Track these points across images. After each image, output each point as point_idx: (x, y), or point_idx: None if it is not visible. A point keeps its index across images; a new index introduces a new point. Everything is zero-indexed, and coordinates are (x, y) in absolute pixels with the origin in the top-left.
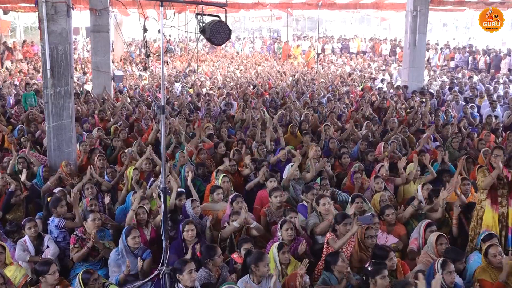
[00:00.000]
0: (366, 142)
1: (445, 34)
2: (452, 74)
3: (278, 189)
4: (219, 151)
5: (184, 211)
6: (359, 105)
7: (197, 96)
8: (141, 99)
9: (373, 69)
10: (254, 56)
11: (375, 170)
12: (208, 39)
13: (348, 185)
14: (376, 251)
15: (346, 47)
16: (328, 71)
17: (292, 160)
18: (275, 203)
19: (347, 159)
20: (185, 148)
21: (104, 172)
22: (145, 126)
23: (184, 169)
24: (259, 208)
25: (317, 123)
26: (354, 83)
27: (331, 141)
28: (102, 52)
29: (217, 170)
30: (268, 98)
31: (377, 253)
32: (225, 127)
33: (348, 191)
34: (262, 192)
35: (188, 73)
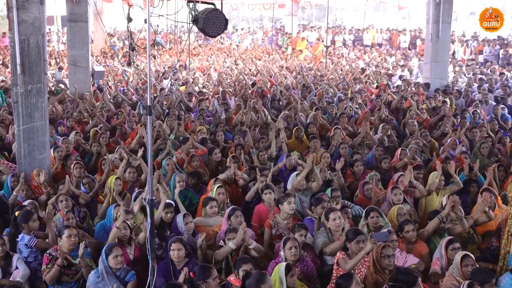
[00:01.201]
0: (381, 148)
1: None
2: (480, 70)
3: (290, 195)
4: (214, 158)
5: (175, 227)
6: (374, 106)
7: (188, 95)
8: (124, 98)
9: (390, 64)
10: (254, 49)
11: (392, 179)
12: (202, 29)
13: (360, 198)
14: (399, 275)
15: (359, 39)
16: (338, 66)
17: (298, 168)
18: (287, 211)
19: (360, 167)
20: (175, 155)
21: (81, 182)
22: (129, 129)
23: (174, 178)
24: (257, 225)
25: (326, 126)
26: (368, 80)
27: (342, 146)
28: (80, 45)
29: (216, 179)
30: (269, 98)
31: (401, 278)
32: (221, 131)
33: (361, 204)
34: (260, 206)
35: (178, 69)
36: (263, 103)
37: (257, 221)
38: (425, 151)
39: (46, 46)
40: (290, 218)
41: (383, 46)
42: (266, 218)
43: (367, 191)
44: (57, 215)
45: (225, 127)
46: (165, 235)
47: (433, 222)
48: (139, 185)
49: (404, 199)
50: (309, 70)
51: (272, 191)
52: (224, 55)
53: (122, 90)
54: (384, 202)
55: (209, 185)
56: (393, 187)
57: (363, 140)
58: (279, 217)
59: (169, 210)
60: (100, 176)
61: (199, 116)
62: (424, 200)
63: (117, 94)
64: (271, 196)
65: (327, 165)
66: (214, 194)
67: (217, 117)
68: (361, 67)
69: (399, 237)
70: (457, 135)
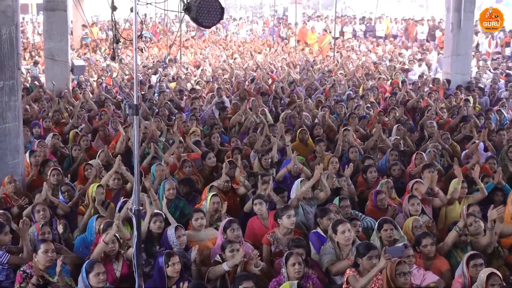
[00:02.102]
0: (396, 152)
1: None
2: (507, 64)
3: (290, 207)
4: (208, 163)
5: (165, 240)
6: (388, 105)
7: (179, 93)
8: (108, 96)
9: (406, 58)
10: (253, 41)
11: (408, 188)
12: (194, 19)
13: (371, 208)
14: None
15: (372, 29)
16: (348, 60)
17: (302, 175)
18: (287, 225)
19: (374, 174)
20: (164, 160)
21: (59, 190)
22: (113, 131)
23: (163, 186)
24: (251, 243)
25: (334, 128)
26: (381, 76)
27: (351, 150)
28: (58, 36)
29: (211, 186)
30: (271, 95)
31: None
32: (216, 133)
33: (373, 215)
34: (253, 220)
35: (168, 63)
36: (264, 101)
37: (251, 237)
38: (445, 156)
39: (20, 38)
40: (291, 233)
41: (398, 37)
42: (261, 233)
43: (380, 201)
44: (32, 228)
45: (221, 128)
46: (153, 250)
47: (451, 234)
48: (124, 194)
49: (422, 209)
50: (314, 64)
51: (264, 202)
52: (219, 48)
53: (105, 87)
54: (400, 212)
55: (203, 193)
56: (410, 196)
57: (376, 144)
58: (278, 232)
59: (157, 219)
60: (81, 183)
61: (191, 116)
62: (445, 210)
63: (99, 91)
64: (262, 207)
65: (336, 171)
66: (208, 203)
67: (212, 118)
68: (373, 62)
69: (416, 252)
70: (481, 138)
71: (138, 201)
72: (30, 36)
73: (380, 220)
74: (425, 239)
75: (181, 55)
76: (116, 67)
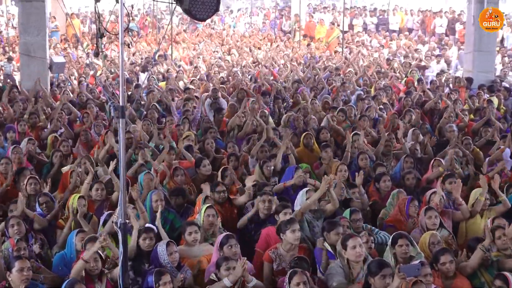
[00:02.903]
0: (412, 159)
1: None
2: None
3: (294, 221)
4: (202, 171)
5: (155, 257)
6: (403, 106)
7: (170, 93)
8: (90, 96)
9: (422, 54)
10: (253, 35)
11: (424, 199)
12: (187, 11)
13: (396, 218)
14: None
15: (384, 22)
16: (358, 57)
17: (308, 184)
18: (291, 241)
19: (388, 183)
20: (153, 167)
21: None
22: (96, 135)
23: (150, 197)
24: (262, 252)
25: (342, 132)
26: (395, 74)
27: (361, 157)
28: (35, 30)
29: (206, 197)
30: (272, 96)
31: None
32: (211, 137)
33: (395, 226)
34: (269, 230)
35: (158, 60)
36: (264, 102)
37: (264, 247)
38: (466, 163)
39: None
40: (296, 249)
41: (414, 31)
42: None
43: (414, 206)
44: (5, 244)
45: (216, 132)
46: (142, 268)
47: (476, 254)
48: (109, 206)
49: (441, 223)
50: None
51: (291, 210)
52: (215, 42)
53: (87, 87)
54: (415, 226)
55: (197, 204)
56: (427, 208)
57: (389, 149)
58: (281, 248)
59: (148, 235)
60: (62, 194)
61: (183, 119)
62: (465, 224)
63: (81, 91)
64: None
65: (344, 180)
66: (203, 216)
67: (206, 121)
68: (386, 58)
69: (434, 270)
70: (507, 144)
71: (124, 214)
72: (3, 29)
73: (395, 235)
74: (443, 256)
75: (172, 50)
76: (100, 64)
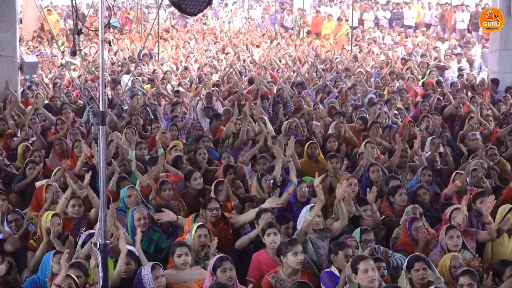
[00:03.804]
0: (430, 172)
1: None
2: None
3: (296, 242)
4: (193, 185)
5: (138, 283)
6: (420, 112)
7: (156, 97)
8: (67, 100)
9: (442, 52)
10: (250, 32)
11: (445, 216)
12: (176, 4)
13: (404, 241)
14: None
15: (399, 17)
16: (369, 56)
17: (312, 200)
18: (293, 265)
19: (403, 197)
20: (138, 181)
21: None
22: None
23: (132, 215)
24: (256, 280)
25: (352, 140)
26: (411, 75)
27: (373, 169)
28: (4, 26)
29: (196, 215)
30: (271, 100)
31: None
32: (203, 147)
33: (406, 249)
34: (260, 254)
35: (143, 59)
36: (263, 107)
37: (256, 275)
38: (492, 176)
39: None
40: (298, 273)
41: (432, 27)
42: (268, 270)
43: (417, 230)
44: None
45: (209, 141)
46: None
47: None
48: (86, 224)
49: (463, 243)
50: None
51: (278, 232)
52: (208, 40)
53: (63, 89)
54: (435, 248)
55: (186, 223)
56: (448, 227)
57: (405, 160)
58: (282, 272)
59: (126, 259)
60: (34, 211)
61: (171, 126)
62: (491, 245)
63: (55, 94)
64: (277, 238)
65: (354, 195)
66: (193, 237)
67: (198, 128)
68: (401, 57)
69: None
70: None
71: (105, 234)
72: None
73: (410, 258)
74: (463, 277)
75: (158, 49)
76: (78, 64)
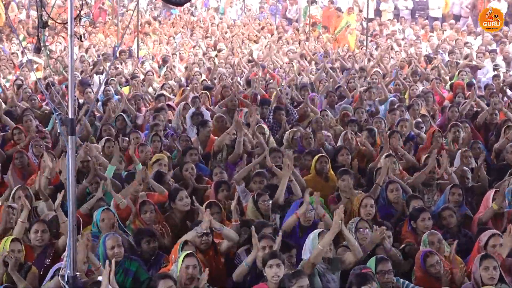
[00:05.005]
0: (460, 191)
1: None
2: None
3: (302, 274)
4: (178, 206)
5: None
6: (448, 119)
7: (135, 102)
8: (29, 106)
9: (473, 49)
10: (247, 25)
11: (478, 243)
12: None
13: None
14: None
15: (423, 7)
16: (386, 53)
17: (319, 224)
18: None
19: (428, 222)
20: (113, 202)
21: None
22: (35, 159)
23: (104, 242)
24: None
25: (368, 153)
26: (437, 76)
27: (391, 187)
28: None
29: (185, 242)
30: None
31: None
32: (191, 161)
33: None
34: None
35: (120, 57)
36: (262, 114)
37: None
38: None
39: None
40: None
41: (463, 19)
42: None
43: (432, 267)
44: None
45: (199, 155)
46: None
47: None
48: (53, 253)
49: (501, 276)
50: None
51: (282, 262)
52: (196, 34)
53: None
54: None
55: (172, 251)
56: (483, 256)
57: (432, 177)
58: None
59: None
60: None
61: (153, 136)
62: None
63: (15, 99)
64: (280, 270)
65: (371, 218)
66: (180, 267)
67: (185, 138)
68: (425, 55)
69: None
70: None
71: (74, 264)
72: None
73: None
74: None
75: (138, 45)
76: (42, 63)
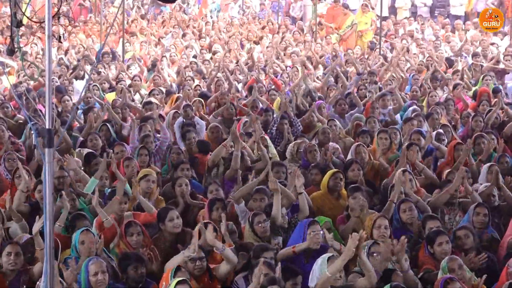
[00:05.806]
0: (486, 211)
1: None
2: None
3: None
4: (168, 227)
5: None
6: (471, 130)
7: (121, 110)
8: (0, 114)
9: (500, 52)
10: (245, 24)
11: (506, 269)
12: None
13: None
14: None
15: (443, 4)
16: (402, 55)
17: (328, 249)
18: None
19: (446, 247)
20: (95, 221)
21: None
22: (7, 174)
23: (86, 268)
24: None
25: (382, 168)
26: (460, 81)
27: (404, 207)
28: None
29: (178, 268)
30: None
31: None
32: (183, 176)
33: None
34: None
35: (103, 60)
36: (263, 124)
37: None
38: None
39: None
40: None
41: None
42: None
43: None
44: None
45: (192, 169)
46: None
47: None
48: (27, 280)
49: None
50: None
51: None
52: (189, 34)
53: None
54: None
55: (163, 278)
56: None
57: (454, 196)
58: None
59: None
60: None
61: (141, 149)
62: None
63: None
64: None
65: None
66: None
67: (176, 151)
68: (446, 58)
69: None
70: None
71: None
72: None
73: None
74: None
75: (123, 46)
76: (15, 67)
